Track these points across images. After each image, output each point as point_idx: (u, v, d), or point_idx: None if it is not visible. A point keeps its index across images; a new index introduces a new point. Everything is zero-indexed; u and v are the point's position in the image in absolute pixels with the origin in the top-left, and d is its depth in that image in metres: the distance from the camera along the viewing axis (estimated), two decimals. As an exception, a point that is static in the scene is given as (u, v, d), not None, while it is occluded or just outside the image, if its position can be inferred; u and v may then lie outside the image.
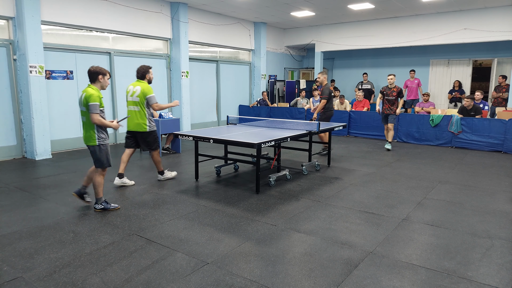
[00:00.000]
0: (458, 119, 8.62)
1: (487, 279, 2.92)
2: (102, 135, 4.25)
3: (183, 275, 2.96)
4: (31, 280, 2.88)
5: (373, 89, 12.58)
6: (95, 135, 4.20)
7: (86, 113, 4.14)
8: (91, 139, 4.21)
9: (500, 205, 4.67)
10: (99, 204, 4.35)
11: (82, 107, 4.18)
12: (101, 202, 4.37)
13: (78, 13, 7.97)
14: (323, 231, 3.85)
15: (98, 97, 4.14)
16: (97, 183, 4.32)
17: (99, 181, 4.33)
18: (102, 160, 4.27)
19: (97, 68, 4.26)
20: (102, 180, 4.37)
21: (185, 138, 5.53)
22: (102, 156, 4.26)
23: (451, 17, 10.76)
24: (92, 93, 4.10)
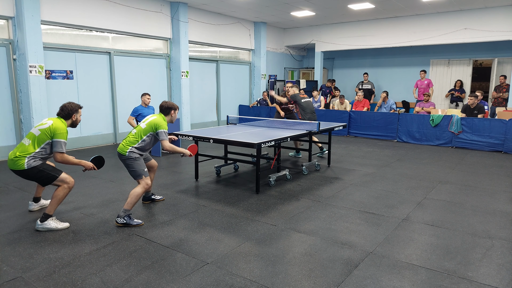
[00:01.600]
0: (458, 119, 8.61)
1: (487, 279, 2.92)
2: None
3: (183, 275, 2.96)
4: (31, 280, 2.88)
5: (373, 89, 12.57)
6: (129, 148, 4.08)
7: (141, 129, 4.14)
8: (123, 150, 4.06)
9: (500, 205, 4.66)
10: (122, 218, 3.98)
11: (143, 124, 4.19)
12: (125, 216, 3.99)
13: (78, 13, 7.96)
14: (323, 231, 3.85)
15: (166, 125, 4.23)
16: (136, 195, 4.05)
17: (139, 194, 4.06)
18: (139, 170, 4.10)
19: (170, 104, 4.36)
20: (141, 193, 4.09)
21: (185, 138, 5.53)
22: (136, 166, 4.10)
23: (451, 17, 10.76)
24: (163, 122, 4.21)
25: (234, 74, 12.63)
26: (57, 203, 3.88)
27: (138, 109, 7.88)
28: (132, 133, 4.21)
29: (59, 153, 3.76)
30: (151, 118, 4.24)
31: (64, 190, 3.88)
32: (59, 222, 3.91)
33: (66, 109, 3.92)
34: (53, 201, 3.86)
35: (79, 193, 5.10)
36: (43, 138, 3.77)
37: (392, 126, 9.71)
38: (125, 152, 4.05)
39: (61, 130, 3.79)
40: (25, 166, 3.72)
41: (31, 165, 3.74)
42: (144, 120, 4.30)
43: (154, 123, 4.15)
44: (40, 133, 3.77)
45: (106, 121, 8.93)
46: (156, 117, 4.22)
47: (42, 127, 3.80)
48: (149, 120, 4.20)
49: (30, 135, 3.83)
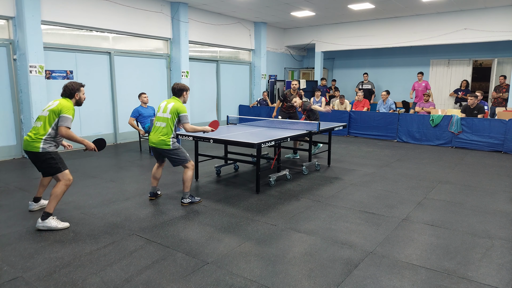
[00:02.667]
0: (458, 119, 8.62)
1: (487, 279, 2.92)
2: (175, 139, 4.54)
3: (183, 275, 2.96)
4: (31, 280, 2.88)
5: (373, 89, 12.57)
6: (170, 140, 4.44)
7: (167, 119, 4.43)
8: (163, 144, 4.43)
9: (500, 205, 4.67)
10: (187, 199, 4.65)
11: (166, 114, 4.46)
12: (188, 196, 4.66)
13: (78, 13, 7.97)
14: (323, 231, 3.85)
15: None
16: (188, 177, 4.58)
17: (190, 176, 4.59)
18: (184, 157, 4.55)
19: (182, 85, 4.63)
20: (192, 175, 4.62)
21: (185, 138, 5.53)
22: (181, 154, 4.54)
23: (451, 17, 10.76)
24: (182, 105, 4.51)
25: (234, 74, 12.63)
26: (56, 201, 3.87)
27: (138, 110, 7.90)
28: (161, 126, 4.48)
29: (65, 127, 3.82)
30: (170, 105, 4.49)
31: (62, 187, 3.89)
32: (59, 221, 3.91)
33: (68, 88, 4.03)
34: (52, 199, 3.86)
35: (79, 193, 5.11)
36: (53, 118, 3.85)
37: (392, 126, 9.71)
38: (169, 145, 4.44)
39: (68, 107, 3.88)
40: (39, 149, 3.81)
41: (46, 149, 3.83)
42: (164, 110, 4.51)
43: (175, 109, 4.45)
44: (48, 113, 3.87)
45: (106, 121, 8.94)
46: (174, 103, 4.49)
47: (50, 107, 3.91)
48: (170, 108, 4.47)
49: (40, 117, 3.94)
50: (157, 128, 4.52)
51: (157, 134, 4.48)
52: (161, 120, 4.49)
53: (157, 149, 4.54)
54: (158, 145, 4.46)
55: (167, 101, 4.60)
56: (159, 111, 4.58)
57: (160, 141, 4.44)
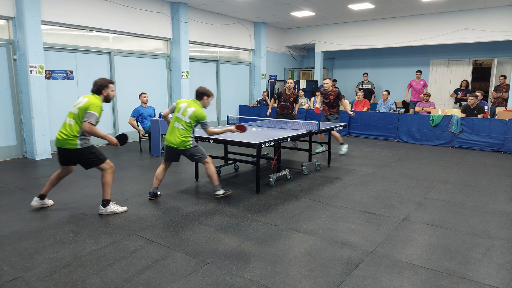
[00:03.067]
0: (458, 119, 8.62)
1: (487, 279, 2.92)
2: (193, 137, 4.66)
3: (183, 275, 2.96)
4: (31, 280, 2.88)
5: (373, 89, 12.57)
6: (190, 140, 4.57)
7: (186, 123, 4.54)
8: (182, 144, 4.53)
9: (500, 205, 4.67)
10: (220, 190, 4.77)
11: (185, 118, 4.54)
12: (219, 188, 4.77)
13: (78, 13, 7.97)
14: (323, 231, 3.85)
15: None
16: (212, 171, 4.71)
17: (213, 169, 4.73)
18: (203, 153, 4.69)
19: (204, 89, 4.72)
20: (214, 168, 4.77)
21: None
22: (200, 151, 4.67)
23: (451, 17, 10.76)
24: (202, 111, 4.61)
25: (234, 74, 12.63)
26: (109, 187, 4.20)
27: (139, 110, 7.90)
28: (179, 127, 4.55)
29: (88, 123, 3.90)
30: (190, 110, 4.56)
31: (109, 175, 4.18)
32: (118, 206, 4.30)
33: (96, 84, 4.13)
34: (106, 187, 4.17)
35: (79, 193, 5.11)
36: (82, 115, 3.96)
37: (392, 126, 9.71)
38: (189, 145, 4.55)
39: (95, 104, 3.99)
40: (78, 146, 3.97)
41: (84, 145, 4.01)
42: (183, 112, 4.56)
43: (195, 116, 4.55)
44: (78, 111, 3.99)
45: (106, 121, 8.93)
46: (195, 109, 4.57)
47: (79, 105, 4.02)
48: (190, 114, 4.54)
49: (71, 114, 4.05)
50: (175, 129, 4.59)
51: (176, 135, 4.56)
52: (180, 122, 4.57)
53: (176, 149, 4.61)
54: (178, 145, 4.55)
55: (188, 102, 4.64)
56: (178, 111, 4.62)
57: (181, 142, 4.53)
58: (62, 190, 5.23)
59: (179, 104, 4.68)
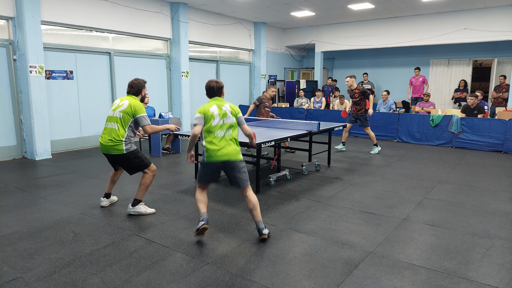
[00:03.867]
0: (458, 119, 8.61)
1: (487, 279, 2.92)
2: None
3: (183, 275, 2.96)
4: (31, 280, 2.88)
5: (373, 89, 12.56)
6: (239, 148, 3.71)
7: (235, 124, 3.65)
8: (239, 153, 3.65)
9: (500, 205, 4.67)
10: None
11: (231, 119, 3.61)
12: None
13: (78, 13, 7.97)
14: (323, 231, 3.85)
15: None
16: None
17: None
18: None
19: (221, 82, 3.82)
20: None
21: (185, 138, 5.52)
22: None
23: (451, 17, 10.76)
24: (235, 107, 3.76)
25: (234, 74, 12.63)
26: (145, 189, 4.23)
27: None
28: (224, 124, 3.60)
29: (148, 125, 4.03)
30: (227, 107, 3.63)
31: (150, 178, 4.20)
32: (147, 208, 4.28)
33: (136, 86, 4.20)
34: (142, 188, 4.19)
35: (79, 193, 5.11)
36: (127, 118, 4.02)
37: (392, 126, 9.71)
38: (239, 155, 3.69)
39: (140, 105, 4.07)
40: (124, 151, 4.00)
41: (129, 149, 4.05)
42: (222, 115, 3.58)
43: (235, 111, 3.66)
44: (122, 114, 4.01)
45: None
46: (228, 104, 3.68)
47: (122, 108, 4.03)
48: (230, 110, 3.61)
49: (113, 119, 4.06)
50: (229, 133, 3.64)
51: (226, 145, 3.59)
52: (226, 126, 3.64)
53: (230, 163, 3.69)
54: (233, 158, 3.65)
55: (224, 103, 3.71)
56: (215, 117, 3.59)
57: (233, 152, 3.66)
58: (62, 190, 5.23)
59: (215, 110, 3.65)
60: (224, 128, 3.60)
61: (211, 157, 3.55)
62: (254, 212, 3.54)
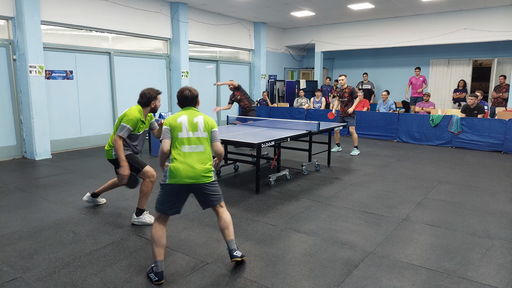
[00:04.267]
0: (458, 119, 8.61)
1: (487, 279, 2.92)
2: None
3: (183, 275, 2.96)
4: (31, 280, 2.88)
5: (373, 89, 12.57)
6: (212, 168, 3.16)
7: (207, 140, 3.11)
8: (209, 173, 3.15)
9: (500, 205, 4.66)
10: None
11: (202, 133, 3.07)
12: None
13: (78, 13, 7.97)
14: (323, 231, 3.85)
15: None
16: None
17: None
18: None
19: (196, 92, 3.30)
20: None
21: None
22: None
23: (451, 17, 10.76)
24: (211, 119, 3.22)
25: (234, 74, 12.62)
26: (146, 198, 4.04)
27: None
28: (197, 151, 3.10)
29: (117, 135, 3.73)
30: (201, 119, 3.10)
31: (148, 185, 4.01)
32: (152, 217, 4.01)
33: (145, 96, 3.94)
34: (141, 196, 4.02)
35: (79, 193, 5.10)
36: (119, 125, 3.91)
37: (392, 126, 9.71)
38: None
39: (129, 116, 3.78)
40: (113, 156, 3.90)
41: None
42: (191, 127, 3.06)
43: (209, 125, 3.14)
44: (117, 121, 3.94)
45: (106, 121, 8.93)
46: (203, 116, 3.15)
47: (120, 115, 3.95)
48: (203, 123, 3.08)
49: (116, 126, 3.99)
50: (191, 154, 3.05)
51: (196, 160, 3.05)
52: (194, 143, 3.06)
53: None
54: None
55: (187, 114, 3.10)
56: (182, 130, 3.04)
57: None
58: (62, 190, 5.23)
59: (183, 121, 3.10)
60: (193, 143, 3.04)
61: (174, 177, 3.02)
62: (226, 231, 3.08)
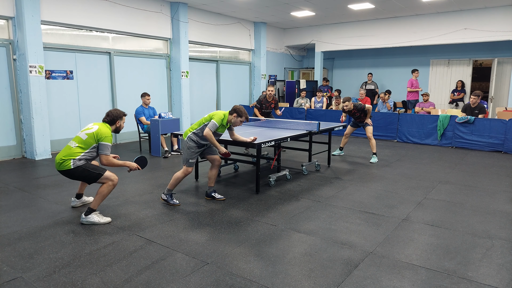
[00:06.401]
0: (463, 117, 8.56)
1: (487, 279, 2.92)
2: None
3: (183, 275, 2.96)
4: (31, 280, 2.88)
5: (376, 89, 12.55)
6: None
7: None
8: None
9: (500, 205, 4.66)
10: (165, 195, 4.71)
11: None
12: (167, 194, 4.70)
13: (78, 13, 7.96)
14: (323, 231, 3.85)
15: None
16: None
17: None
18: None
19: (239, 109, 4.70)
20: None
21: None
22: None
23: (451, 17, 10.76)
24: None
25: (234, 74, 12.62)
26: (101, 199, 4.07)
27: (139, 111, 7.90)
28: None
29: (104, 155, 3.98)
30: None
31: (108, 187, 4.05)
32: (101, 216, 4.08)
33: (112, 115, 4.16)
34: (98, 197, 4.04)
35: (79, 193, 5.10)
36: (90, 142, 3.99)
37: (392, 126, 9.71)
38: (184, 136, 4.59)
39: (106, 134, 4.00)
40: (71, 166, 3.93)
41: (76, 164, 3.94)
42: None
43: (213, 114, 4.61)
44: (87, 137, 3.99)
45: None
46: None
47: (89, 131, 4.02)
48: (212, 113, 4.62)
49: (76, 138, 4.05)
50: None
51: None
52: None
53: None
54: None
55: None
56: None
57: None
58: (62, 190, 5.23)
59: None
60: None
61: None
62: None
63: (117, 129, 4.23)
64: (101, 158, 3.99)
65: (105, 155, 3.97)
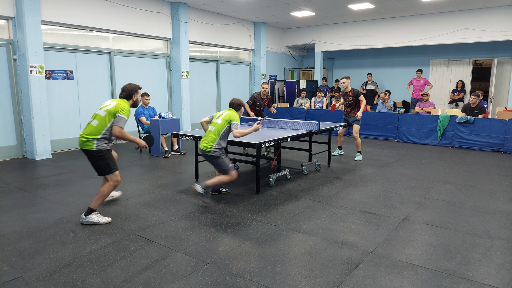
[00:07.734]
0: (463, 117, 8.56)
1: (487, 279, 2.92)
2: None
3: (183, 275, 2.96)
4: (31, 280, 2.88)
5: (377, 89, 12.54)
6: None
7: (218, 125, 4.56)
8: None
9: (500, 205, 4.67)
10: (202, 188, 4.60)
11: (224, 123, 4.56)
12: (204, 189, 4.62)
13: (78, 13, 7.97)
14: (323, 231, 3.85)
15: None
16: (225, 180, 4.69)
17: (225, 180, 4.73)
18: (226, 165, 4.67)
19: (239, 101, 4.78)
20: None
21: (185, 138, 5.53)
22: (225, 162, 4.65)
23: (451, 17, 10.76)
24: (235, 114, 4.67)
25: (234, 74, 12.62)
26: (102, 199, 4.06)
27: (140, 111, 7.90)
28: (211, 130, 4.61)
29: (118, 127, 3.91)
30: (224, 113, 4.64)
31: (110, 187, 4.05)
32: (101, 216, 4.06)
33: (127, 89, 4.15)
34: (98, 197, 4.04)
35: (79, 193, 5.11)
36: (109, 119, 3.94)
37: (392, 126, 9.71)
38: (209, 149, 4.52)
39: (124, 107, 3.99)
40: (93, 148, 3.91)
41: (100, 147, 3.93)
42: (217, 117, 4.66)
43: (228, 117, 4.58)
44: (106, 113, 3.97)
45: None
46: (228, 112, 4.66)
47: (107, 107, 3.99)
48: (223, 116, 4.61)
49: (96, 116, 4.02)
50: (207, 134, 4.67)
51: (205, 139, 4.63)
52: (214, 126, 4.62)
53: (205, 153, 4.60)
54: (204, 148, 4.58)
55: (225, 110, 4.73)
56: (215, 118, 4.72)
57: (204, 144, 4.56)
58: (62, 190, 5.23)
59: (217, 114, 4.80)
60: (211, 126, 4.68)
61: None
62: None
63: (134, 104, 4.22)
64: (114, 129, 3.91)
65: (118, 127, 3.91)
